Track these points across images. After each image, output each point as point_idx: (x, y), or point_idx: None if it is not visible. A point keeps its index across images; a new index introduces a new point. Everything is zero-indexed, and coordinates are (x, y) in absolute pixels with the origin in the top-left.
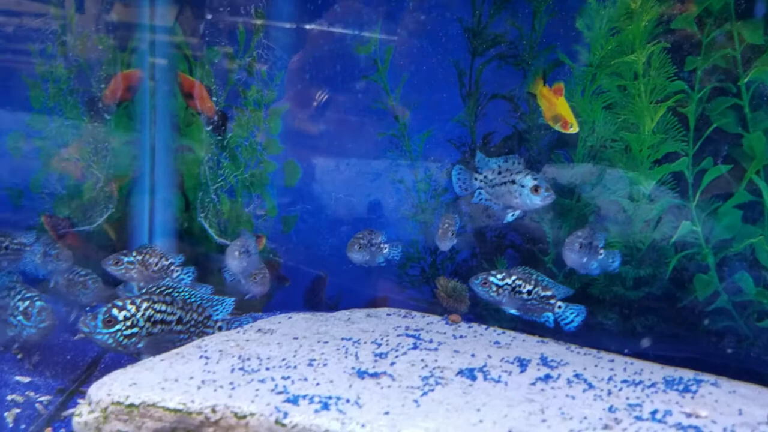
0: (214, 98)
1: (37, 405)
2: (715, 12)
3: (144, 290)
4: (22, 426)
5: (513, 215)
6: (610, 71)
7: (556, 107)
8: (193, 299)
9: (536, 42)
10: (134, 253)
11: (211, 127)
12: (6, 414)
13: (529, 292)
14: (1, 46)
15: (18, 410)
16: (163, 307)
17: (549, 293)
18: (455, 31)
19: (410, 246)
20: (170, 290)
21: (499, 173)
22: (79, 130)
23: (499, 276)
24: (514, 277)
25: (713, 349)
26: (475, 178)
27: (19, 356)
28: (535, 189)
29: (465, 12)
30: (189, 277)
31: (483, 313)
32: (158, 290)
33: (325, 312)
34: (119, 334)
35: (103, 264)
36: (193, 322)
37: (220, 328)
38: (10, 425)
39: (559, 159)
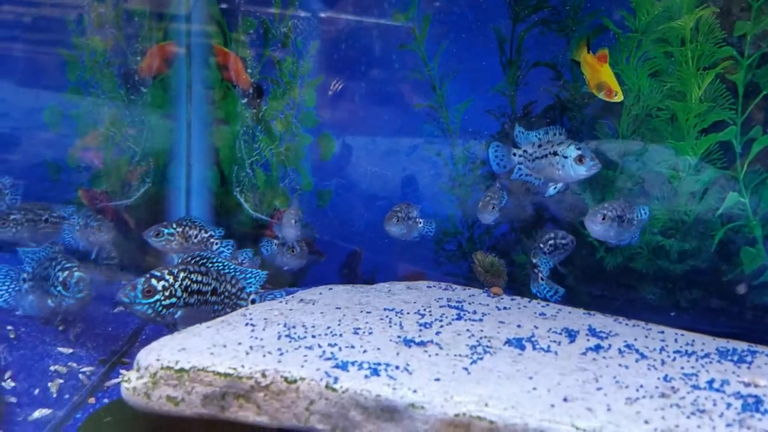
0: (249, 70)
1: (80, 375)
2: None
3: (181, 260)
4: (66, 396)
5: (555, 188)
6: (656, 37)
7: (601, 75)
8: (226, 270)
9: (580, 7)
10: (174, 225)
11: (246, 100)
12: (50, 384)
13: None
14: (38, 18)
15: (61, 381)
16: (199, 278)
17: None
18: None
19: (447, 220)
20: (205, 260)
21: (540, 146)
22: (115, 103)
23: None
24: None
25: (760, 324)
26: (514, 154)
27: (61, 328)
28: (580, 159)
29: None
30: (229, 249)
31: (522, 289)
32: (193, 260)
33: (367, 285)
34: (158, 304)
35: (144, 235)
36: (227, 294)
37: (253, 301)
38: (54, 395)
39: (603, 128)
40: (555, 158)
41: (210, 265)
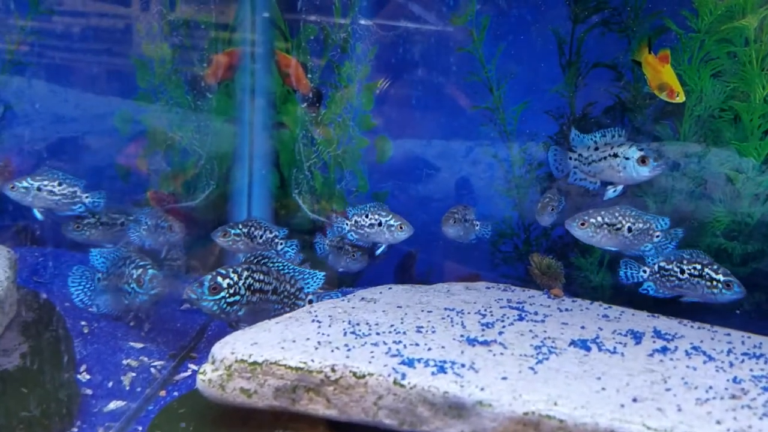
0: (309, 75)
1: (151, 369)
2: None
3: (244, 260)
4: (138, 389)
5: (615, 191)
6: (719, 37)
7: (662, 75)
8: (286, 271)
9: (641, 8)
10: (240, 226)
11: (306, 104)
12: (123, 377)
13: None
14: (109, 27)
15: (133, 374)
16: (261, 277)
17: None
18: None
19: (503, 222)
20: (266, 260)
21: (596, 149)
22: (182, 108)
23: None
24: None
25: None
26: (570, 158)
27: (132, 324)
28: (643, 160)
29: None
30: (293, 249)
31: (579, 291)
32: (256, 260)
33: (425, 285)
34: (223, 301)
35: (212, 235)
36: (286, 293)
37: (310, 301)
38: (127, 388)
39: (665, 129)
40: (615, 160)
41: (271, 265)
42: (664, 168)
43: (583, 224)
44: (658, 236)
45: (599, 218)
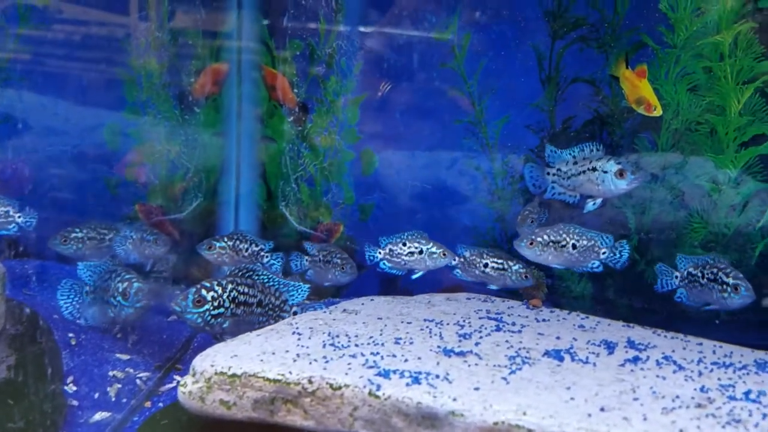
0: (295, 90)
1: (137, 380)
2: None
3: (228, 273)
4: (124, 400)
5: (594, 204)
6: (695, 52)
7: (640, 90)
8: (270, 283)
9: (618, 24)
10: (226, 239)
11: (292, 119)
12: (109, 389)
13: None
14: (98, 40)
15: (119, 385)
16: (246, 289)
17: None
18: (534, 14)
19: (486, 234)
20: (251, 273)
21: (575, 163)
22: (170, 122)
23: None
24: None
25: None
26: (547, 173)
27: (119, 335)
28: (620, 173)
29: None
30: (278, 262)
31: (561, 301)
32: (240, 273)
33: (407, 296)
34: (207, 313)
35: (198, 248)
36: (271, 306)
37: (295, 313)
38: (113, 399)
39: (643, 143)
40: (594, 174)
41: (256, 277)
42: (642, 181)
43: (531, 244)
44: (604, 252)
45: (545, 237)
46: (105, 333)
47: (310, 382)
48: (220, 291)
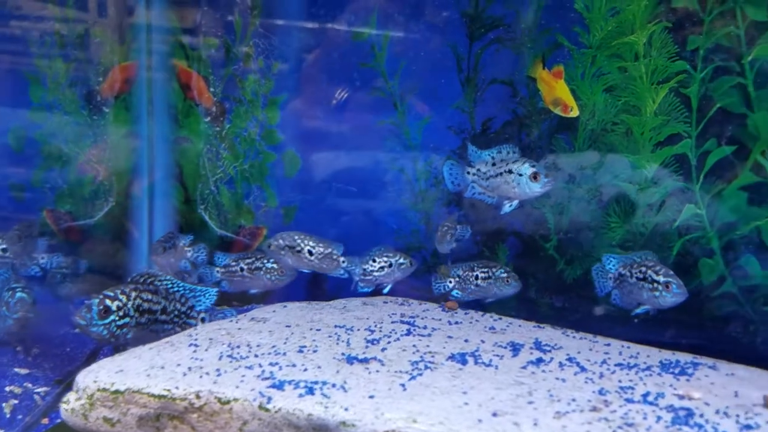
0: (211, 89)
1: (34, 396)
2: None
3: (129, 279)
4: (19, 416)
5: (511, 206)
6: (610, 53)
7: (556, 91)
8: (175, 289)
9: (535, 25)
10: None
11: (209, 118)
12: (3, 405)
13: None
14: (1, 41)
15: (15, 401)
16: (149, 296)
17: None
18: (453, 16)
19: (411, 235)
20: (153, 278)
21: (494, 164)
22: (78, 123)
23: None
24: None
25: (719, 335)
26: (468, 172)
27: (18, 349)
28: (534, 176)
29: None
30: (202, 253)
31: (486, 302)
32: (142, 279)
33: (323, 301)
34: (113, 324)
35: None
36: (176, 312)
37: (203, 320)
38: (7, 416)
39: (560, 143)
40: (510, 176)
41: (158, 283)
42: (555, 183)
43: (269, 247)
44: (343, 261)
45: (281, 241)
46: (3, 346)
47: (197, 397)
48: (124, 299)
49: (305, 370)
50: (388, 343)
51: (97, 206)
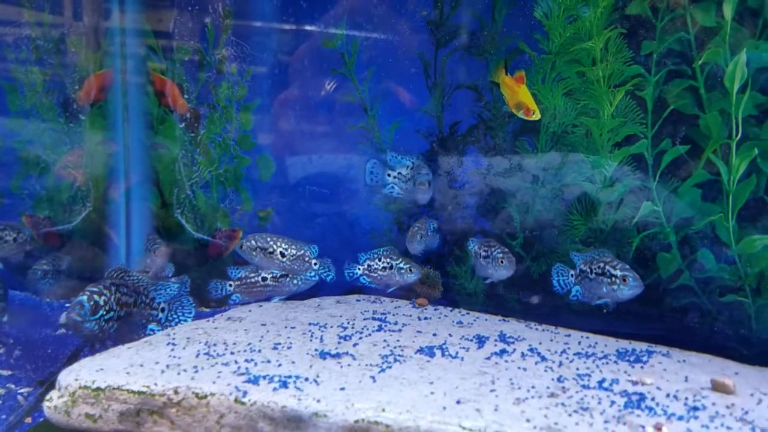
0: (186, 96)
1: (18, 396)
2: None
3: (105, 275)
4: (3, 416)
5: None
6: (569, 58)
7: (519, 95)
8: (140, 283)
9: (497, 32)
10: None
11: (184, 124)
12: None
13: None
14: None
15: None
16: (125, 290)
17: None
18: (419, 22)
19: (384, 235)
20: (123, 274)
21: (412, 168)
22: (55, 131)
23: None
24: None
25: (678, 326)
26: (389, 174)
27: (1, 350)
28: (421, 183)
29: (428, 4)
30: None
31: (456, 298)
32: (116, 274)
33: (297, 300)
34: (102, 319)
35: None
36: (143, 304)
37: (162, 309)
38: None
39: (524, 145)
40: (413, 182)
41: (128, 278)
42: (428, 190)
43: (241, 247)
44: (315, 263)
45: (253, 242)
46: None
47: (175, 392)
48: (108, 294)
49: (279, 365)
50: (360, 338)
51: (75, 211)
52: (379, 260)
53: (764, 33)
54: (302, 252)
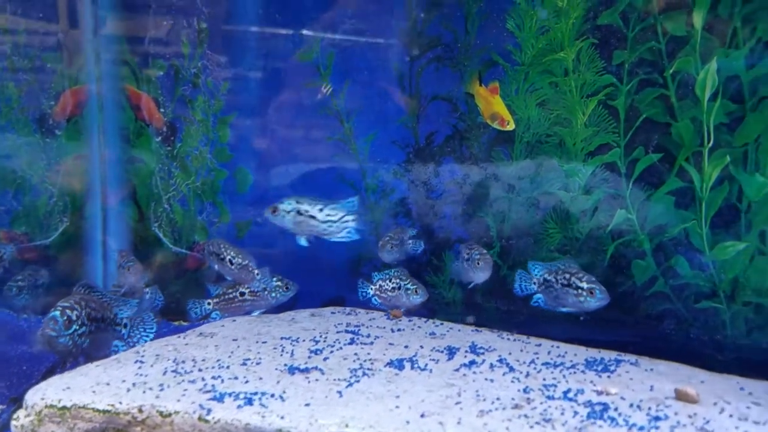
0: (161, 109)
1: None
2: (639, 6)
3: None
4: None
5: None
6: (542, 69)
7: (493, 106)
8: (104, 298)
9: (470, 44)
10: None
11: (160, 138)
12: None
13: None
14: None
15: None
16: (94, 305)
17: None
18: (394, 34)
19: (363, 246)
20: (90, 289)
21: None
22: (31, 146)
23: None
24: None
25: (653, 333)
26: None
27: None
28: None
29: (402, 17)
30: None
31: (435, 307)
32: (84, 290)
33: (272, 314)
34: (75, 333)
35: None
36: (108, 320)
37: (125, 325)
38: None
39: (499, 155)
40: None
41: (94, 294)
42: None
43: (202, 251)
44: (258, 274)
45: (210, 247)
46: None
47: (140, 411)
48: (79, 309)
49: (246, 382)
50: (331, 352)
51: (52, 226)
52: (390, 281)
53: (734, 41)
54: (246, 262)
